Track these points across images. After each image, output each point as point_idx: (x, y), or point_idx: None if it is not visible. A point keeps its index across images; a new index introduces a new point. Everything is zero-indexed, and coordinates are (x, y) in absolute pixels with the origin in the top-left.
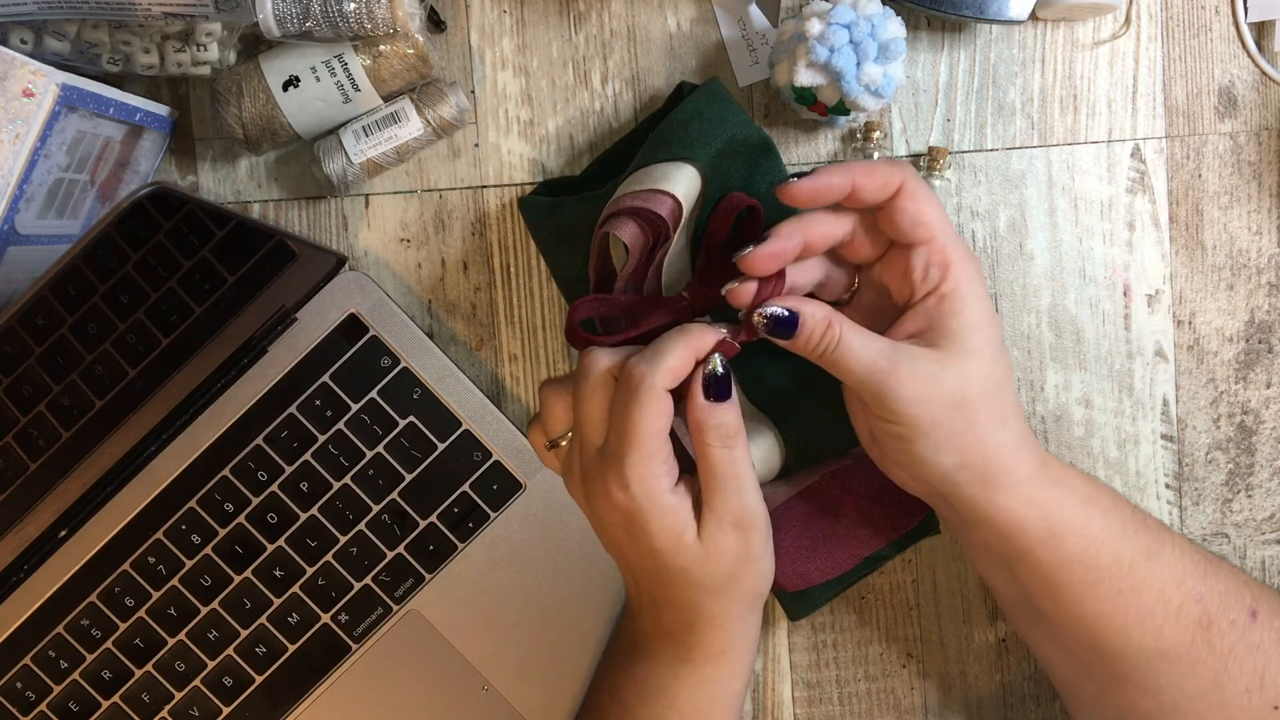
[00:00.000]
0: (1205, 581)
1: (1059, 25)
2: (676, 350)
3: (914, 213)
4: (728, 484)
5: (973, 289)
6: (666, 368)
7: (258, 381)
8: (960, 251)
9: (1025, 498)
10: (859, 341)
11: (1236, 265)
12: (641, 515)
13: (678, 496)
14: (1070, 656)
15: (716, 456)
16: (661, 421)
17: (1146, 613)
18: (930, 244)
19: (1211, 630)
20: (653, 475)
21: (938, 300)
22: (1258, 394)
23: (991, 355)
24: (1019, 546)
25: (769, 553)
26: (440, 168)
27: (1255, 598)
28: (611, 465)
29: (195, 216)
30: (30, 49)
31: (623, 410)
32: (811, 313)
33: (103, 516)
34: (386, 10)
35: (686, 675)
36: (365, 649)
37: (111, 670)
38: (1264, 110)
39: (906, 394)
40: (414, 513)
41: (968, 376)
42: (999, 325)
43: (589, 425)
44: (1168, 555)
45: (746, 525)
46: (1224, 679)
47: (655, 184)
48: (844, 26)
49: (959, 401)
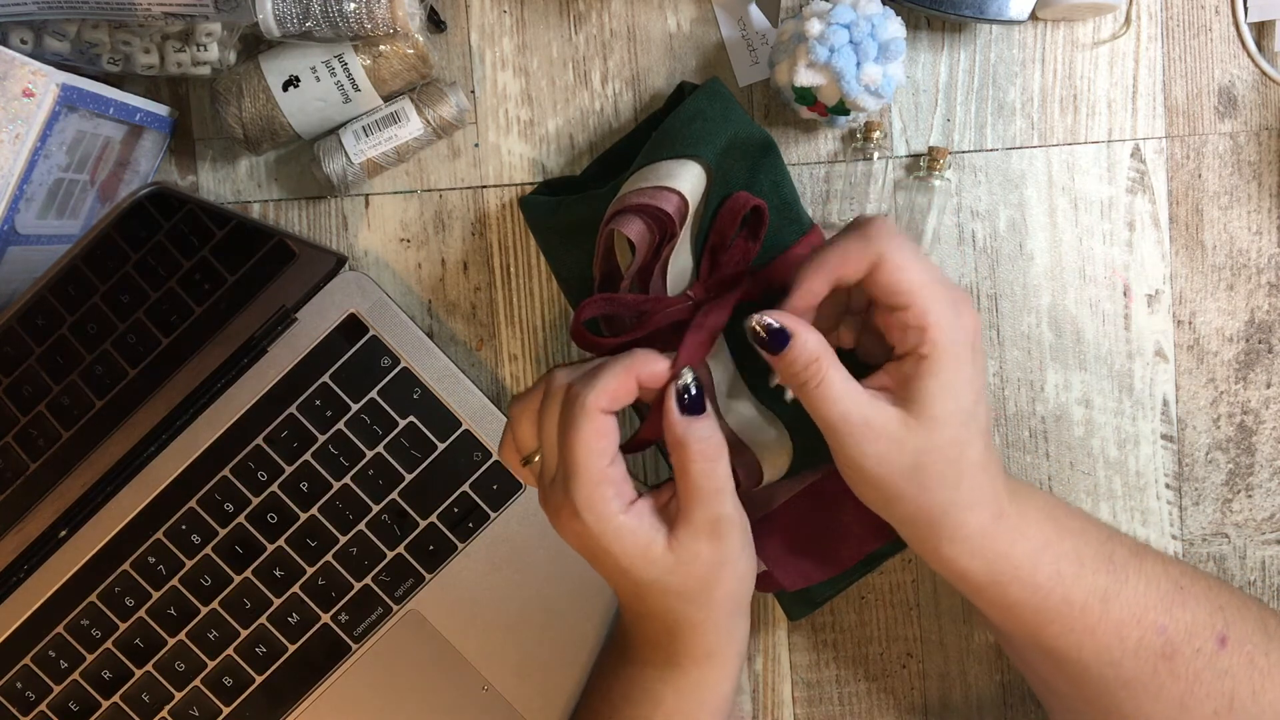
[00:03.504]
0: (1170, 613)
1: (1059, 25)
2: (617, 373)
3: (889, 284)
4: (707, 498)
5: (952, 352)
6: (603, 388)
7: (258, 381)
8: (941, 313)
9: (969, 551)
10: (840, 388)
11: (1236, 265)
12: (598, 539)
13: (634, 515)
14: (1037, 675)
15: (698, 472)
16: (601, 442)
17: (1102, 649)
18: (908, 311)
19: (1175, 660)
20: (600, 499)
21: (915, 361)
22: (1258, 394)
23: (960, 421)
24: (968, 588)
25: (747, 555)
26: (440, 168)
27: (1228, 621)
28: (561, 491)
29: (195, 216)
30: (30, 49)
31: (561, 433)
32: (805, 339)
33: (103, 516)
34: (386, 10)
35: (673, 680)
36: (365, 649)
37: (111, 670)
38: (1264, 110)
39: (868, 451)
40: (414, 513)
41: (927, 445)
42: (976, 385)
43: (547, 448)
44: (1129, 592)
45: (721, 532)
46: (1189, 703)
47: (661, 181)
48: (844, 26)
49: (915, 467)
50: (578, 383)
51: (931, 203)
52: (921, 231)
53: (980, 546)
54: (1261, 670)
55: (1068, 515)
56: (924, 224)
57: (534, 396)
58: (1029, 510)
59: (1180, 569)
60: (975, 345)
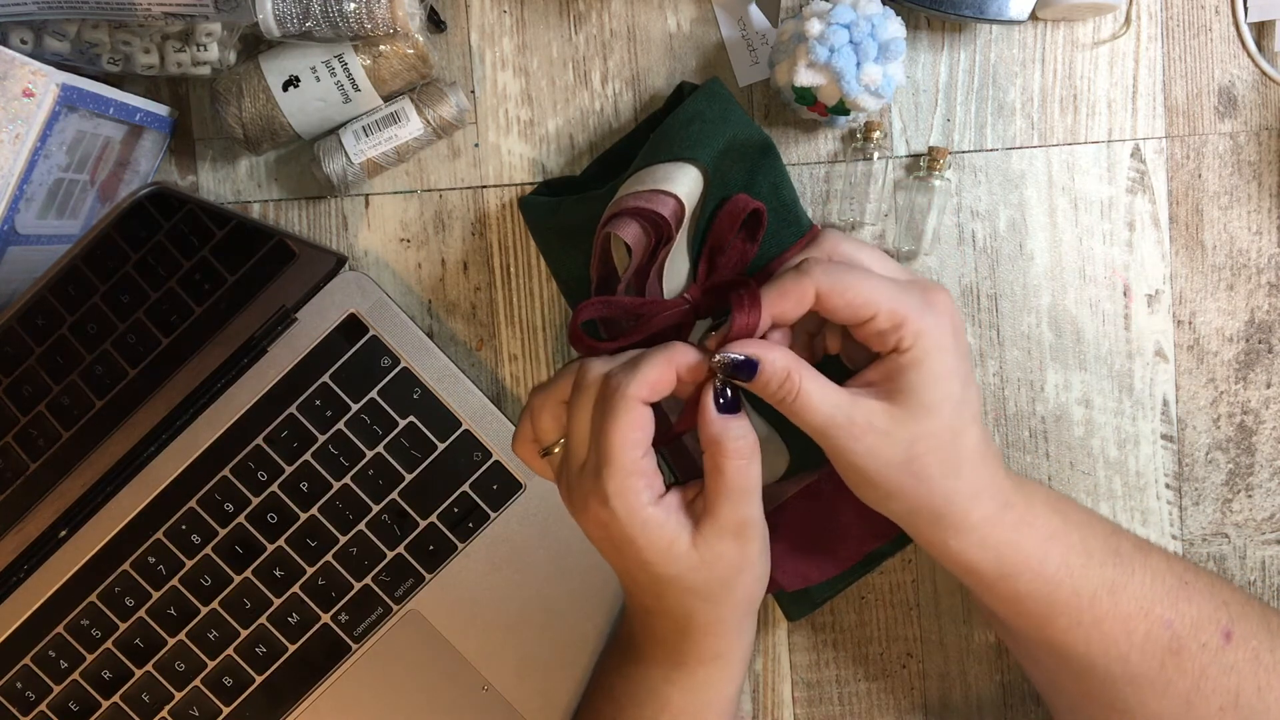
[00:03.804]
0: (1176, 608)
1: (1059, 25)
2: (657, 363)
3: (843, 307)
4: (738, 496)
5: (932, 339)
6: (645, 379)
7: (258, 381)
8: (910, 306)
9: (978, 541)
10: (818, 394)
11: (1236, 265)
12: (625, 530)
13: (662, 508)
14: (1042, 672)
15: (734, 469)
16: (638, 433)
17: (1110, 643)
18: (875, 319)
19: (1182, 655)
20: (632, 490)
21: (898, 355)
22: (1258, 394)
23: (951, 409)
24: (976, 582)
25: (765, 560)
26: (440, 168)
27: (1232, 617)
28: (592, 479)
29: (195, 216)
30: (30, 49)
31: (599, 421)
32: (772, 360)
33: (103, 516)
34: (386, 10)
35: (679, 679)
36: (365, 649)
37: (111, 670)
38: (1264, 110)
39: (859, 448)
40: (414, 513)
41: (919, 434)
42: (963, 371)
43: (576, 437)
44: (1135, 585)
45: (746, 535)
46: (1195, 700)
47: (658, 184)
48: (844, 26)
49: (908, 459)
50: (617, 372)
51: (931, 203)
52: (921, 231)
53: (988, 537)
54: (1266, 667)
55: (1071, 508)
56: (924, 224)
57: (560, 386)
58: (1034, 502)
59: (1183, 564)
60: (955, 330)
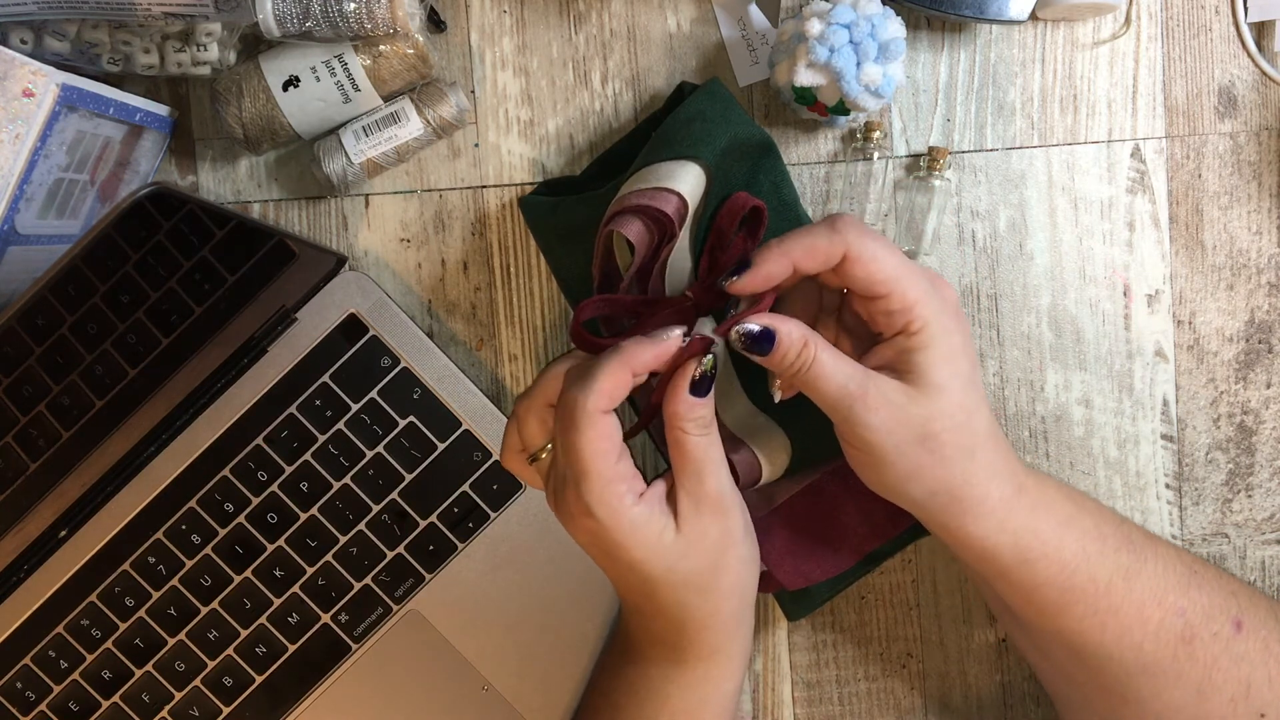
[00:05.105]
0: (1188, 595)
1: (1059, 25)
2: (610, 370)
3: (864, 277)
4: (704, 468)
5: (941, 323)
6: (600, 391)
7: (258, 381)
8: (922, 290)
9: (997, 525)
10: (832, 364)
11: (1236, 265)
12: (612, 535)
13: (645, 505)
14: (1053, 665)
15: (694, 444)
16: (604, 444)
17: (1125, 630)
18: (889, 297)
19: (1194, 644)
20: (614, 495)
21: (906, 338)
22: (1258, 394)
23: (961, 387)
24: (993, 568)
25: (749, 540)
26: (440, 168)
27: (1241, 607)
28: (573, 491)
29: (195, 216)
30: (30, 49)
31: (564, 439)
32: (788, 331)
33: (103, 516)
34: (386, 10)
35: (678, 677)
36: (365, 649)
37: (111, 670)
38: (1264, 110)
39: (874, 421)
40: (414, 513)
41: (934, 411)
42: (969, 354)
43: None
44: (1149, 572)
45: (723, 508)
46: (1207, 689)
47: (661, 182)
48: (844, 26)
49: (924, 435)
50: (573, 388)
51: (931, 203)
52: (921, 231)
53: (1006, 520)
54: (1276, 657)
55: (1081, 494)
56: (924, 224)
57: (541, 390)
58: (1046, 486)
59: (1189, 555)
60: (958, 314)
